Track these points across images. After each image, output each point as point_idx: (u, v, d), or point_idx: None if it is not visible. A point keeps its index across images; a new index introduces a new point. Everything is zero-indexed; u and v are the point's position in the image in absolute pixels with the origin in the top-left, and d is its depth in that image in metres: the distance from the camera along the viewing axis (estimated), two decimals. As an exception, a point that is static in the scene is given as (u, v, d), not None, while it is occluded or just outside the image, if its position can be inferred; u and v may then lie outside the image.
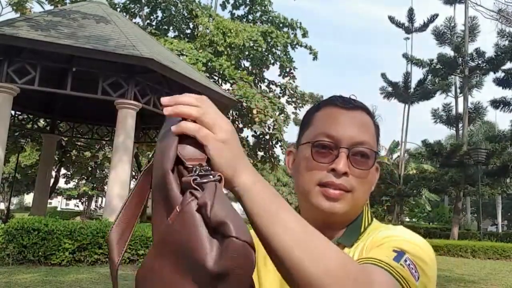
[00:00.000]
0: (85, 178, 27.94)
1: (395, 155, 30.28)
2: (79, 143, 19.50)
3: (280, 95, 19.26)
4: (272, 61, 19.40)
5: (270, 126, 15.16)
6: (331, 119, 0.85)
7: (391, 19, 24.84)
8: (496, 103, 22.63)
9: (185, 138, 0.56)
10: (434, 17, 23.95)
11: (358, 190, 0.82)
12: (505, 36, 21.53)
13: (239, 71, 16.29)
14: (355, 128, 0.84)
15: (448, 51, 22.43)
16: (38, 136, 15.99)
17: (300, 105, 19.66)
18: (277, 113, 15.53)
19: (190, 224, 0.49)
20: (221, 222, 0.47)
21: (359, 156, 0.82)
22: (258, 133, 15.64)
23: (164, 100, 0.57)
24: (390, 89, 25.00)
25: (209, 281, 0.47)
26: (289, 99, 19.45)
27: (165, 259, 0.51)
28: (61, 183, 28.63)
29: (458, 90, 23.45)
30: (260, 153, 16.64)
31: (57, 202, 50.94)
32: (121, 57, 7.97)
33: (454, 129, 23.20)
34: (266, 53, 18.65)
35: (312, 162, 0.83)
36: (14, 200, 47.81)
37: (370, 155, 0.83)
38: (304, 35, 20.15)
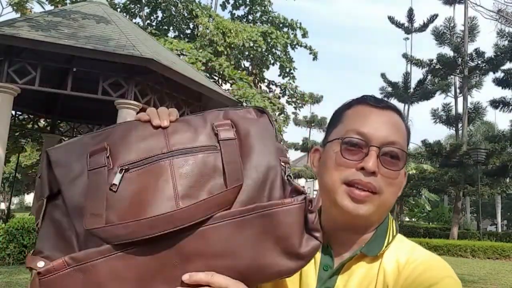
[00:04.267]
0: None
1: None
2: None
3: (280, 95, 19.28)
4: (272, 61, 19.42)
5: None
6: (362, 117, 0.83)
7: (391, 19, 24.88)
8: (496, 103, 22.66)
9: None
10: (433, 17, 23.99)
11: (385, 192, 0.80)
12: (505, 36, 21.56)
13: (239, 71, 16.31)
14: (386, 128, 0.82)
15: (447, 51, 22.46)
16: (39, 136, 16.01)
17: (300, 105, 19.69)
18: (277, 113, 15.55)
19: (297, 211, 0.69)
20: (318, 230, 0.71)
21: (389, 156, 0.80)
22: (258, 133, 15.63)
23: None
24: (390, 89, 25.03)
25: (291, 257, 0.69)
26: (289, 99, 19.47)
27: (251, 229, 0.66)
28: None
29: (458, 90, 23.48)
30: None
31: (57, 202, 50.82)
32: (121, 57, 7.98)
33: (454, 129, 23.22)
34: (266, 53, 18.67)
35: (341, 159, 0.81)
36: (15, 200, 47.82)
37: (400, 156, 0.81)
38: (304, 35, 20.18)
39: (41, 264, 0.63)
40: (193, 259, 0.64)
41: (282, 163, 0.73)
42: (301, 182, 33.87)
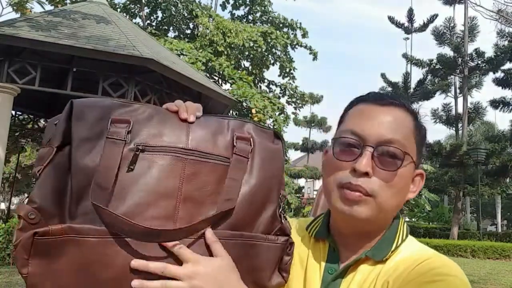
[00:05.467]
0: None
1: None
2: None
3: (280, 95, 19.28)
4: (272, 61, 19.42)
5: (270, 126, 15.18)
6: (360, 115, 0.79)
7: (391, 19, 24.87)
8: (496, 103, 22.65)
9: None
10: (433, 18, 23.98)
11: (381, 195, 0.74)
12: (505, 36, 21.56)
13: (239, 71, 16.31)
14: (384, 125, 0.76)
15: (447, 51, 22.44)
16: (39, 136, 16.01)
17: (300, 105, 19.69)
18: (277, 113, 15.55)
19: (276, 250, 0.76)
20: (288, 271, 0.79)
21: (387, 156, 0.75)
22: (258, 133, 15.62)
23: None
24: (389, 89, 25.01)
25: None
26: (289, 99, 19.48)
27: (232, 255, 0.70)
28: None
29: (458, 90, 23.46)
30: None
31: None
32: (121, 57, 7.98)
33: (454, 129, 23.21)
34: (266, 53, 18.66)
35: (335, 161, 0.77)
36: (15, 200, 47.77)
37: (398, 155, 0.75)
38: (304, 35, 20.18)
39: (32, 215, 0.63)
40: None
41: (280, 198, 0.76)
42: (301, 182, 33.88)
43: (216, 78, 16.15)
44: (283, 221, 0.76)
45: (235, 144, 0.72)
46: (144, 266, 0.63)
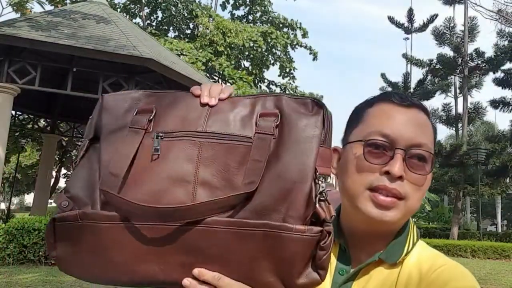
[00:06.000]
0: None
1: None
2: (79, 143, 19.54)
3: (280, 95, 19.28)
4: (272, 62, 19.42)
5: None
6: (386, 116, 0.78)
7: (391, 19, 24.84)
8: (496, 103, 22.62)
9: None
10: (433, 18, 23.94)
11: (411, 198, 0.75)
12: (505, 36, 21.54)
13: (239, 71, 16.31)
14: (412, 128, 0.76)
15: (447, 51, 22.41)
16: (39, 136, 16.03)
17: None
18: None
19: (305, 244, 0.63)
20: (324, 268, 0.65)
21: (417, 159, 0.75)
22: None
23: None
24: (389, 89, 25.01)
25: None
26: (289, 99, 19.48)
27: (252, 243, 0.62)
28: (62, 183, 28.65)
29: (458, 90, 23.44)
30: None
31: (57, 202, 50.92)
32: (121, 57, 7.98)
33: (454, 129, 23.19)
34: (266, 53, 18.67)
35: (364, 163, 0.75)
36: (15, 200, 47.81)
37: (428, 158, 0.76)
38: (304, 35, 20.18)
39: (65, 203, 0.67)
40: (188, 253, 0.62)
41: (317, 178, 0.65)
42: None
43: (216, 78, 16.15)
44: (317, 205, 0.64)
45: (256, 122, 0.67)
46: (202, 274, 0.62)
